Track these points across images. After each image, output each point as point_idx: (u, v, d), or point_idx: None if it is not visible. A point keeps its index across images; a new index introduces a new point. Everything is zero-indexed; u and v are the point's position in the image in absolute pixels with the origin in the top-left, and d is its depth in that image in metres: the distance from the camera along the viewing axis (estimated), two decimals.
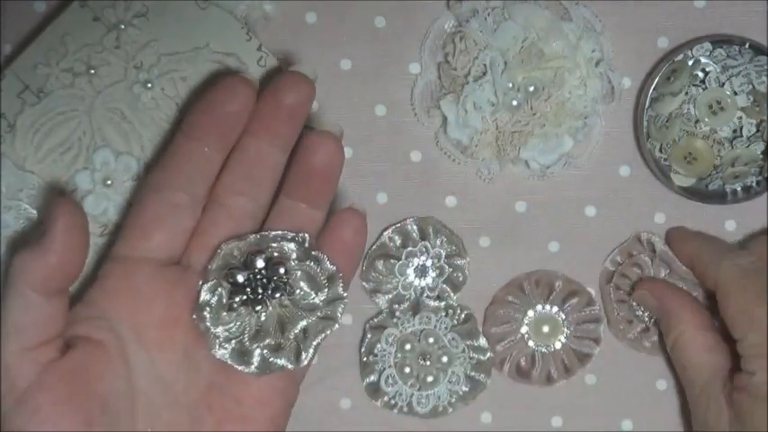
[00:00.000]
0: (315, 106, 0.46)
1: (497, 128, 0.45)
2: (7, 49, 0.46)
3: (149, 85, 0.43)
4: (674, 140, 0.45)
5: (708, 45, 0.44)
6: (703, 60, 0.45)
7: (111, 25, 0.43)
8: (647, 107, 0.45)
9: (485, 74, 0.44)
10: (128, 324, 0.37)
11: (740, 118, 0.44)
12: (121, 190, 0.43)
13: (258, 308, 0.38)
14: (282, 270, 0.38)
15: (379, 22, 0.46)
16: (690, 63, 0.45)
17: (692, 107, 0.44)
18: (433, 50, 0.46)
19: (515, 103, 0.44)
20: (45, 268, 0.34)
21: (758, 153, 0.44)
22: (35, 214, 0.43)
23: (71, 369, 0.35)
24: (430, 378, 0.45)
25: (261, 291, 0.38)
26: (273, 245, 0.38)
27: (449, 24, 0.46)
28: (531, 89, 0.44)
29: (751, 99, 0.44)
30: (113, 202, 0.43)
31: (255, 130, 0.39)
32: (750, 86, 0.44)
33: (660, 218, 0.47)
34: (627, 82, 0.46)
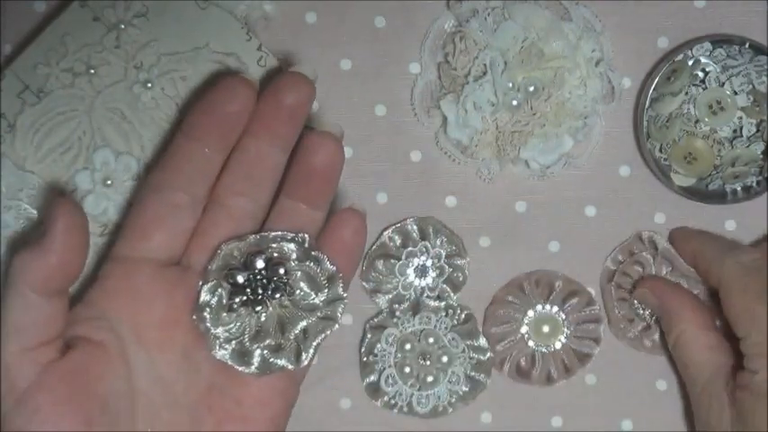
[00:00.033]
0: (315, 106, 0.46)
1: (497, 128, 0.45)
2: (7, 49, 0.46)
3: (149, 85, 0.43)
4: (674, 140, 0.45)
5: (708, 45, 0.44)
6: (703, 60, 0.45)
7: (111, 25, 0.43)
8: (647, 107, 0.45)
9: (485, 74, 0.44)
10: (128, 324, 0.37)
11: (740, 118, 0.44)
12: (121, 190, 0.43)
13: (258, 308, 0.38)
14: (282, 270, 0.38)
15: (379, 22, 0.46)
16: (690, 63, 0.45)
17: (692, 107, 0.44)
18: (433, 50, 0.46)
19: (515, 103, 0.44)
20: (45, 268, 0.34)
21: (758, 153, 0.44)
22: (35, 214, 0.43)
23: (71, 369, 0.35)
24: (430, 378, 0.45)
25: (261, 291, 0.38)
26: (273, 245, 0.38)
27: (449, 24, 0.46)
28: (531, 89, 0.44)
29: (751, 99, 0.44)
30: (113, 202, 0.43)
31: (256, 130, 0.39)
32: (750, 86, 0.44)
33: (660, 218, 0.47)
34: (627, 82, 0.46)
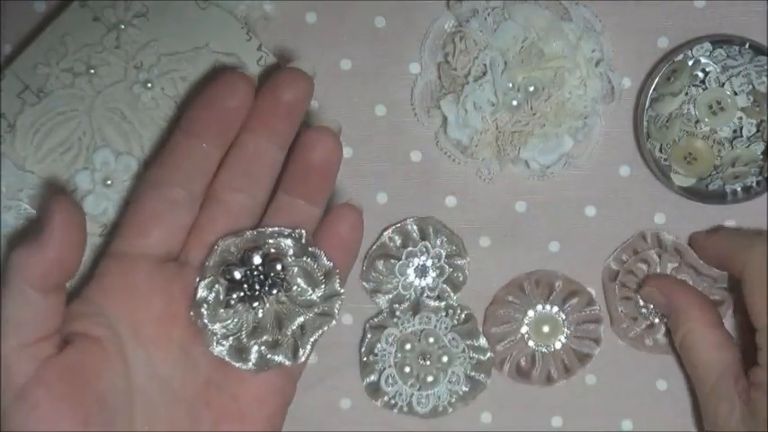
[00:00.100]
0: (315, 106, 0.46)
1: (497, 128, 0.45)
2: (7, 49, 0.46)
3: (149, 85, 0.43)
4: (674, 140, 0.45)
5: (708, 45, 0.44)
6: (703, 60, 0.45)
7: (111, 25, 0.43)
8: (647, 107, 0.45)
9: (485, 74, 0.44)
10: (125, 321, 0.37)
11: (740, 118, 0.44)
12: (121, 190, 0.43)
13: (255, 304, 0.38)
14: (279, 266, 0.38)
15: (379, 22, 0.46)
16: (690, 63, 0.45)
17: (692, 107, 0.44)
18: (433, 50, 0.46)
19: (515, 103, 0.44)
20: (42, 264, 0.34)
21: (758, 153, 0.44)
22: (35, 214, 0.43)
23: (69, 365, 0.35)
24: (430, 378, 0.45)
25: (258, 287, 0.38)
26: (270, 241, 0.38)
27: (449, 24, 0.46)
28: (531, 89, 0.44)
29: (751, 99, 0.44)
30: (113, 202, 0.43)
31: (254, 126, 0.39)
32: (750, 86, 0.44)
33: (660, 218, 0.47)
34: (627, 82, 0.46)
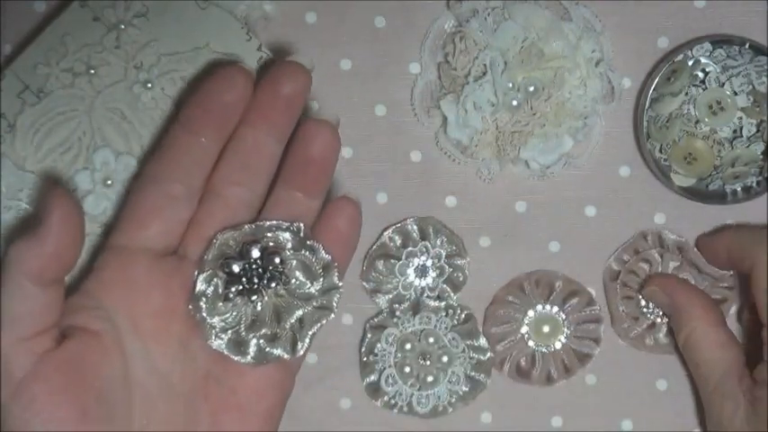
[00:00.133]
0: (315, 106, 0.46)
1: (497, 128, 0.45)
2: (7, 49, 0.46)
3: (149, 85, 0.43)
4: (674, 141, 0.45)
5: (708, 45, 0.44)
6: (703, 60, 0.45)
7: (111, 25, 0.43)
8: (647, 107, 0.45)
9: (485, 74, 0.44)
10: (124, 315, 0.37)
11: (740, 118, 0.44)
12: (121, 190, 0.43)
13: (254, 297, 0.38)
14: (278, 260, 0.38)
15: (379, 22, 0.46)
16: (690, 63, 0.45)
17: (692, 107, 0.44)
18: (433, 50, 0.46)
19: (515, 103, 0.44)
20: (40, 258, 0.34)
21: (758, 153, 0.44)
22: (34, 210, 0.43)
23: (67, 359, 0.35)
24: (430, 378, 0.45)
25: (256, 280, 0.38)
26: (269, 234, 0.38)
27: (449, 24, 0.46)
28: (531, 89, 0.44)
29: (751, 99, 0.44)
30: (113, 202, 0.43)
31: (252, 120, 0.39)
32: (750, 86, 0.44)
33: (660, 218, 0.47)
34: (627, 82, 0.46)
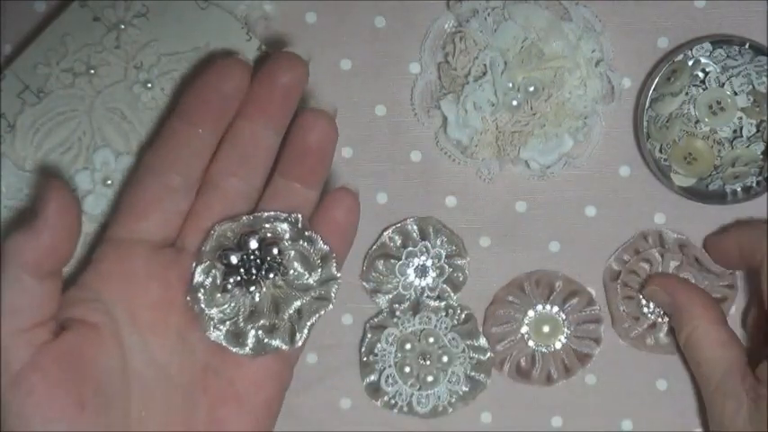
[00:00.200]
0: (314, 103, 0.46)
1: (497, 128, 0.45)
2: (7, 49, 0.46)
3: (149, 85, 0.43)
4: (674, 141, 0.45)
5: (708, 45, 0.44)
6: (703, 60, 0.45)
7: (111, 25, 0.43)
8: (647, 107, 0.45)
9: (485, 74, 0.44)
10: (122, 306, 0.37)
11: (740, 118, 0.44)
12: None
13: (252, 288, 0.38)
14: (276, 250, 0.38)
15: (379, 22, 0.46)
16: (690, 63, 0.45)
17: (692, 107, 0.44)
18: (433, 50, 0.46)
19: (515, 103, 0.44)
20: (37, 250, 0.34)
21: (758, 153, 0.44)
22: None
23: (65, 351, 0.35)
24: (430, 378, 0.45)
25: (255, 271, 0.38)
26: (267, 225, 0.38)
27: (449, 24, 0.46)
28: (531, 89, 0.44)
29: (751, 99, 0.44)
30: (113, 201, 0.43)
31: (250, 111, 0.39)
32: (750, 86, 0.44)
33: (660, 218, 0.47)
34: (627, 82, 0.46)
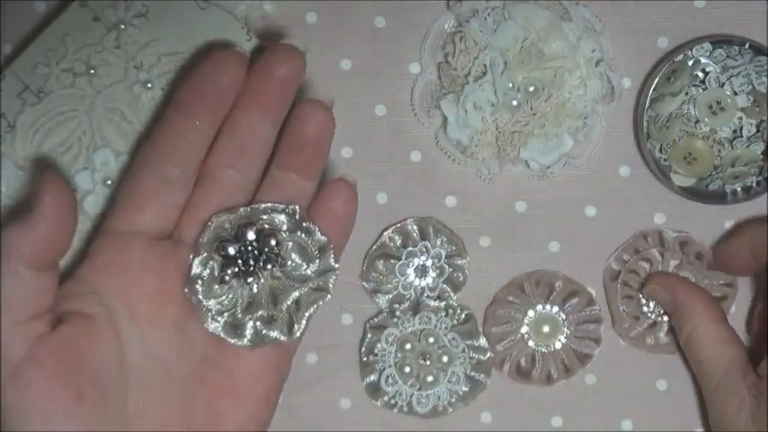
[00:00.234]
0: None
1: (497, 128, 0.45)
2: (7, 49, 0.46)
3: (149, 85, 0.43)
4: (674, 141, 0.45)
5: (708, 45, 0.44)
6: (703, 60, 0.45)
7: (111, 25, 0.43)
8: (647, 107, 0.45)
9: (485, 74, 0.44)
10: (119, 299, 0.37)
11: (740, 118, 0.44)
12: None
13: (250, 280, 0.38)
14: (273, 242, 0.38)
15: (379, 22, 0.46)
16: (690, 63, 0.45)
17: (692, 107, 0.44)
18: (433, 50, 0.46)
19: (515, 103, 0.44)
20: (33, 242, 0.34)
21: (758, 153, 0.44)
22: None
23: (62, 343, 0.35)
24: (430, 378, 0.45)
25: (252, 263, 0.38)
26: (264, 217, 0.38)
27: (449, 24, 0.46)
28: (531, 89, 0.44)
29: (751, 99, 0.44)
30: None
31: (246, 103, 0.39)
32: (750, 87, 0.44)
33: (660, 218, 0.47)
34: (627, 82, 0.46)
